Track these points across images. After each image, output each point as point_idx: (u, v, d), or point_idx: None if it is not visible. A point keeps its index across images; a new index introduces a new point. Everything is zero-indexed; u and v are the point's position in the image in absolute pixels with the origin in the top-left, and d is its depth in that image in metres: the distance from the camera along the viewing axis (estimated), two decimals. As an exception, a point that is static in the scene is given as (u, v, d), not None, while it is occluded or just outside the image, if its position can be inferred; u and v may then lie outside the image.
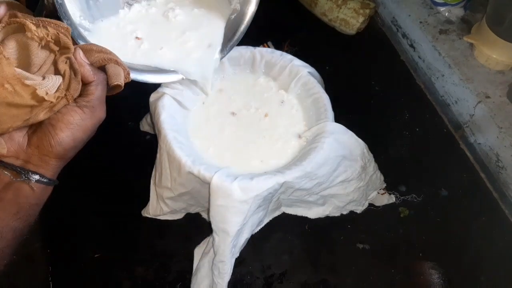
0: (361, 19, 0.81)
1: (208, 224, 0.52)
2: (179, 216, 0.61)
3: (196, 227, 0.60)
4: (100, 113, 0.41)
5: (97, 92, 0.40)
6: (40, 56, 0.36)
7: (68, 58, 0.37)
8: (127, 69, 0.42)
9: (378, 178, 0.61)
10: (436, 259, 0.59)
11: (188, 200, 0.56)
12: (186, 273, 0.57)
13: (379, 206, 0.63)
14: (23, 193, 0.37)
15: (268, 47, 0.80)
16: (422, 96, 0.78)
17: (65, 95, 0.37)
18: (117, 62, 0.41)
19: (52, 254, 0.59)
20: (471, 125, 0.69)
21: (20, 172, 0.37)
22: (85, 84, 0.39)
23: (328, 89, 0.62)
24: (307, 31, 0.85)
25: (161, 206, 0.57)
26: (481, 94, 0.67)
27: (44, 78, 0.35)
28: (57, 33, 0.36)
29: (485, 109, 0.66)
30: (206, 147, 0.55)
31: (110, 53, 0.42)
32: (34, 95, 0.33)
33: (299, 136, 0.57)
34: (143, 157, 0.61)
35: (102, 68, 0.41)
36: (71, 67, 0.38)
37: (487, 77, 0.69)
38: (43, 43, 0.35)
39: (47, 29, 0.35)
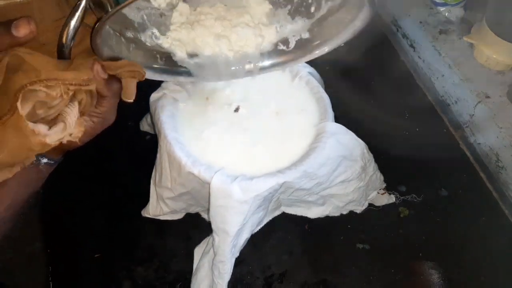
0: (361, 19, 0.81)
1: (208, 224, 0.52)
2: (179, 216, 0.61)
3: (196, 227, 0.60)
4: (111, 120, 0.43)
5: (110, 104, 0.41)
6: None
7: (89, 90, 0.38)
8: (143, 72, 0.42)
9: (378, 178, 0.61)
10: (436, 259, 0.58)
11: (188, 200, 0.56)
12: (186, 273, 0.57)
13: (379, 206, 0.63)
14: (32, 172, 0.41)
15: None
16: (422, 96, 0.78)
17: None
18: (133, 73, 0.41)
19: (52, 254, 0.59)
20: (471, 125, 0.69)
21: None
22: (99, 95, 0.40)
23: (328, 89, 0.62)
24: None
25: (161, 206, 0.57)
26: (481, 94, 0.67)
27: (53, 126, 0.37)
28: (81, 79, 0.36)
29: (485, 109, 0.66)
30: (207, 147, 0.55)
31: (126, 65, 0.41)
32: (41, 143, 0.36)
33: (299, 137, 0.57)
34: (143, 157, 0.61)
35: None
36: (87, 91, 0.38)
37: (487, 77, 0.69)
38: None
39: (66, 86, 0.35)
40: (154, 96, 0.58)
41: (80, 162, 0.67)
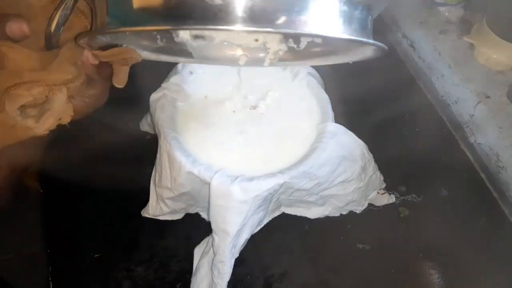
0: (361, 19, 0.81)
1: (208, 224, 0.52)
2: (178, 216, 0.61)
3: (196, 227, 0.60)
4: (102, 100, 0.43)
5: (101, 87, 0.41)
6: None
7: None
8: (138, 56, 0.41)
9: (377, 178, 0.61)
10: (436, 259, 0.58)
11: (188, 200, 0.56)
12: (186, 273, 0.57)
13: (379, 206, 0.63)
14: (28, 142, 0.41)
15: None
16: (422, 96, 0.78)
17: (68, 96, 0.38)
18: (126, 60, 0.40)
19: (52, 254, 0.59)
20: (471, 125, 0.69)
21: None
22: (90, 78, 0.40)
23: (328, 89, 0.62)
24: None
25: (161, 206, 0.57)
26: (481, 94, 0.67)
27: (40, 117, 0.36)
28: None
29: (485, 109, 0.66)
30: (206, 147, 0.55)
31: (120, 53, 0.40)
32: (30, 135, 0.36)
33: (299, 137, 0.57)
34: (143, 157, 0.61)
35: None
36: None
37: (487, 77, 0.69)
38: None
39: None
40: (154, 96, 0.58)
41: (80, 162, 0.67)
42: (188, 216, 0.61)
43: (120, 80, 0.40)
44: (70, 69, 0.36)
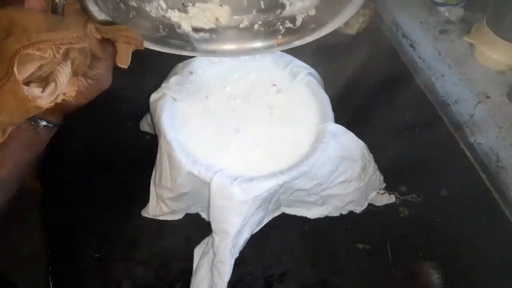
0: (361, 19, 0.81)
1: (208, 224, 0.52)
2: (178, 216, 0.61)
3: (196, 227, 0.60)
4: (106, 83, 0.43)
5: (105, 67, 0.41)
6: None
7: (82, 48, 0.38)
8: (141, 40, 0.42)
9: (377, 178, 0.61)
10: (436, 259, 0.58)
11: (188, 201, 0.56)
12: (186, 273, 0.57)
13: (379, 206, 0.63)
14: (32, 135, 0.42)
15: (268, 47, 0.80)
16: (422, 96, 0.78)
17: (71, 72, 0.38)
18: (128, 39, 0.41)
19: (52, 254, 0.59)
20: (471, 125, 0.69)
21: (29, 118, 0.41)
22: (93, 56, 0.40)
23: (328, 89, 0.62)
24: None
25: (161, 206, 0.57)
26: (481, 94, 0.67)
27: (45, 88, 0.36)
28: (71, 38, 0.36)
29: (485, 109, 0.66)
30: (207, 148, 0.55)
31: (123, 30, 0.41)
32: (36, 106, 0.36)
33: (299, 137, 0.57)
34: (143, 157, 0.61)
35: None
36: (81, 49, 0.38)
37: (487, 77, 0.69)
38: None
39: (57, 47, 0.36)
40: (154, 96, 0.58)
41: (80, 161, 0.67)
42: (188, 216, 0.61)
43: (123, 60, 0.40)
44: (76, 29, 0.37)
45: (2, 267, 0.67)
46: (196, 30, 0.49)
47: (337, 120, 0.57)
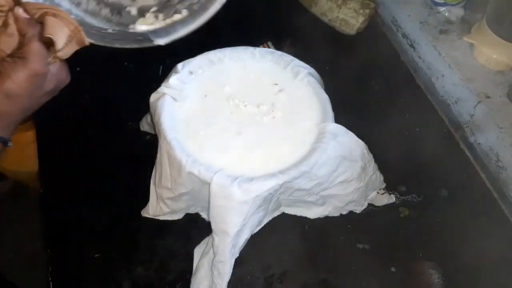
0: (361, 19, 0.81)
1: (208, 224, 0.52)
2: (178, 216, 0.61)
3: (196, 227, 0.60)
4: (37, 66, 0.39)
5: (31, 44, 0.39)
6: None
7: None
8: (76, 25, 0.40)
9: (377, 178, 0.61)
10: (436, 259, 0.58)
11: (188, 201, 0.56)
12: (186, 273, 0.57)
13: (379, 206, 0.63)
14: None
15: (268, 47, 0.80)
16: (422, 96, 0.78)
17: None
18: (58, 15, 0.40)
19: (52, 254, 0.59)
20: (471, 125, 0.69)
21: None
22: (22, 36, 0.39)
23: (328, 89, 0.62)
24: (307, 31, 0.85)
25: (161, 206, 0.57)
26: (481, 94, 0.67)
27: None
28: None
29: (485, 109, 0.66)
30: (207, 147, 0.55)
31: (53, 8, 0.40)
32: None
33: (299, 137, 0.57)
34: (143, 157, 0.61)
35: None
36: (4, 23, 0.38)
37: (487, 77, 0.69)
38: None
39: None
40: (154, 96, 0.58)
41: (80, 162, 0.67)
42: (188, 216, 0.61)
43: (51, 30, 0.38)
44: None
45: (2, 267, 0.67)
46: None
47: (337, 120, 0.57)
